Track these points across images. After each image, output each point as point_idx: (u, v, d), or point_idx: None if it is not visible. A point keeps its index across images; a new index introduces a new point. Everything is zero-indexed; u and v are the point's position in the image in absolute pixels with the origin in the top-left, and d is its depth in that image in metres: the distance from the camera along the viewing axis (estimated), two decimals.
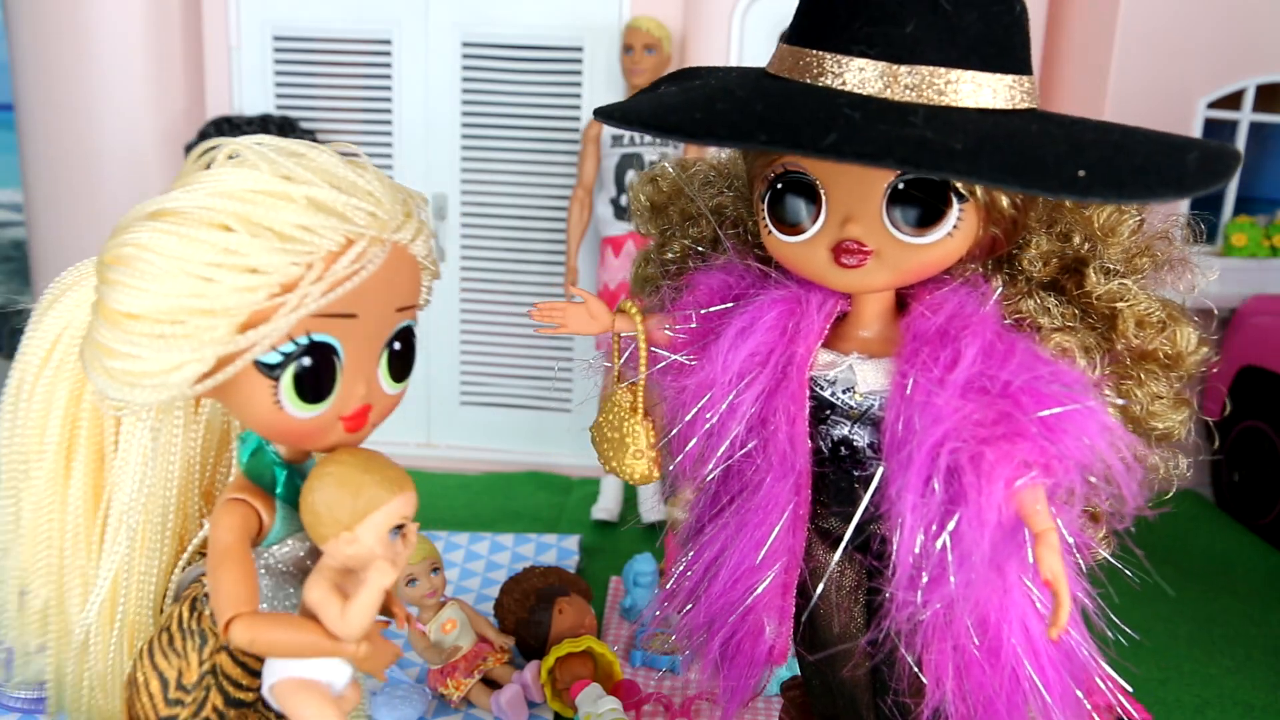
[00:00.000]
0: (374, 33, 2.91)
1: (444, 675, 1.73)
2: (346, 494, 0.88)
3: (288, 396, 0.86)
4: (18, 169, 3.18)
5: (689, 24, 2.81)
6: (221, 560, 0.89)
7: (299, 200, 0.83)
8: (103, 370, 0.84)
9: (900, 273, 0.94)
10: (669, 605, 1.14)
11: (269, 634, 0.88)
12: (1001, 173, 0.75)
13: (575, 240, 2.72)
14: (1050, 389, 0.87)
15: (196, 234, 0.81)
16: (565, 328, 1.09)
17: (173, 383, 0.82)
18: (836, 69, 0.84)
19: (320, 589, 0.89)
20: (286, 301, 0.82)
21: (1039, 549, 0.85)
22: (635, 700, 1.70)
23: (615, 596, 2.17)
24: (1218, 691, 1.92)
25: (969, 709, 0.97)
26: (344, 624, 0.88)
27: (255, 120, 2.78)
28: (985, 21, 0.84)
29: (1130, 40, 2.73)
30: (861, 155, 0.75)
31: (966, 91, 0.83)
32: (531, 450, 3.08)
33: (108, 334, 0.83)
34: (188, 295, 0.80)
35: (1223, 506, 2.93)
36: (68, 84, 2.89)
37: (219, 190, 0.83)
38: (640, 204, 1.21)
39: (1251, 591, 2.39)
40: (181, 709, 0.97)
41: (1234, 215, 3.02)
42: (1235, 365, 2.85)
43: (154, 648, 1.00)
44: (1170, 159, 0.81)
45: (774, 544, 1.01)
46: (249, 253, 0.80)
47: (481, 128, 2.93)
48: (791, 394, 0.99)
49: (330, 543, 0.89)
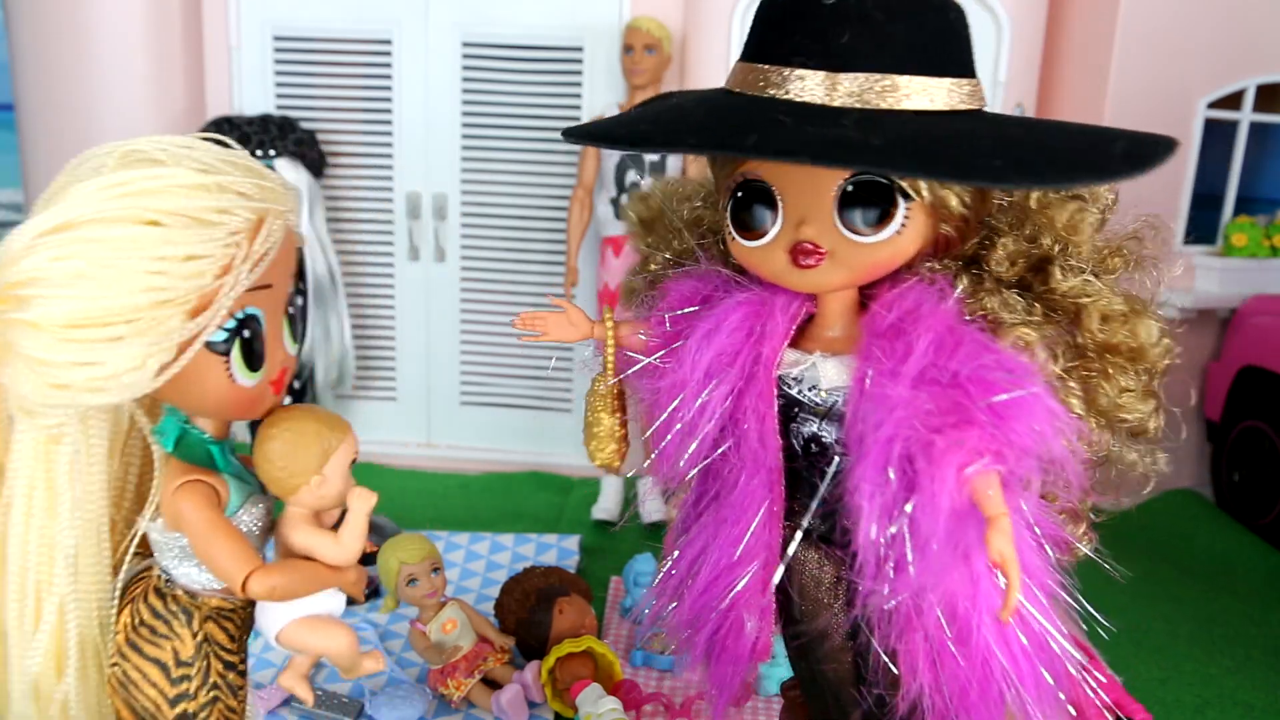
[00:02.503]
0: (374, 33, 2.91)
1: (444, 675, 1.74)
2: (309, 443, 1.00)
3: (239, 369, 0.94)
4: (18, 169, 3.18)
5: (689, 24, 2.81)
6: (209, 532, 0.96)
7: (211, 186, 0.88)
8: (52, 386, 0.85)
9: (854, 271, 0.98)
10: (657, 603, 1.17)
11: (283, 578, 0.98)
12: (910, 163, 0.82)
13: (575, 240, 2.72)
14: (996, 376, 0.89)
15: (129, 233, 0.84)
16: (547, 335, 1.16)
17: (139, 379, 0.86)
18: (780, 80, 0.90)
19: (303, 531, 1.03)
20: (226, 282, 0.88)
21: (989, 532, 0.87)
22: (635, 700, 1.71)
23: (615, 596, 2.17)
24: (1218, 691, 1.92)
25: (945, 700, 0.99)
26: (341, 550, 1.02)
27: (255, 120, 2.77)
28: (919, 28, 0.89)
29: (1130, 40, 2.73)
30: (779, 152, 0.83)
31: (904, 95, 0.88)
32: (531, 450, 3.08)
33: (51, 350, 0.84)
34: (140, 291, 0.83)
35: (1223, 506, 2.93)
36: (68, 84, 2.89)
37: (133, 190, 0.86)
38: (632, 221, 1.29)
39: (1251, 591, 2.39)
40: (189, 683, 1.02)
41: (1234, 215, 3.02)
42: (1235, 365, 2.86)
43: (134, 645, 1.03)
44: (1094, 149, 0.85)
45: (750, 541, 1.04)
46: (186, 242, 0.85)
47: (481, 128, 2.93)
48: (760, 393, 1.02)
49: (302, 490, 1.01)
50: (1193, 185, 2.90)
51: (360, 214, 3.03)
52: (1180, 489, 3.02)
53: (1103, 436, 1.01)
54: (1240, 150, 2.96)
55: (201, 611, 1.03)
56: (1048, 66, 2.90)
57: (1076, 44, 2.86)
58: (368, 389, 3.13)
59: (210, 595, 1.03)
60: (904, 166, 0.82)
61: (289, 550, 1.04)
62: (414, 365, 3.11)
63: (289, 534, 1.03)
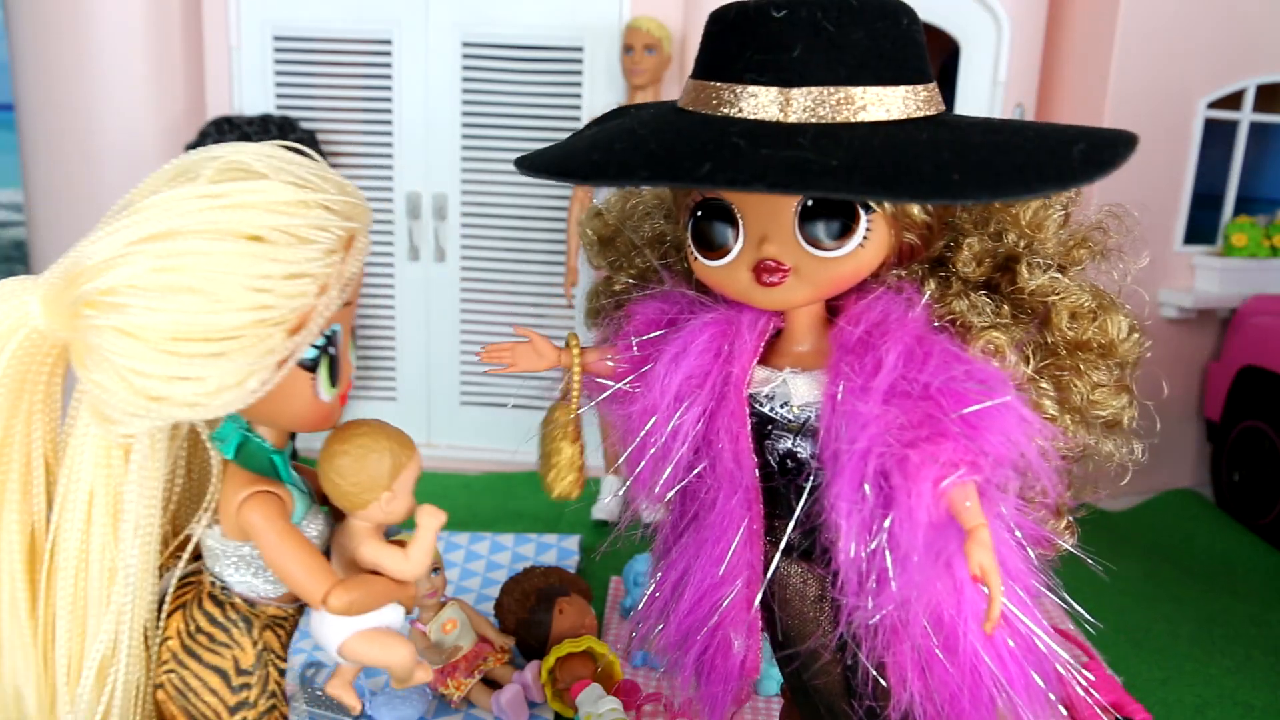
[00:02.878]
0: (374, 33, 2.91)
1: (444, 675, 1.73)
2: (380, 459, 1.00)
3: (324, 385, 0.94)
4: (18, 169, 3.18)
5: (689, 24, 2.81)
6: (284, 545, 0.96)
7: (314, 206, 0.88)
8: (149, 398, 0.83)
9: (819, 286, 0.97)
10: (643, 625, 1.16)
11: (359, 593, 0.98)
12: (872, 185, 0.78)
13: (575, 240, 2.72)
14: (967, 387, 0.89)
15: (234, 248, 0.82)
16: (514, 367, 1.13)
17: (239, 396, 0.85)
18: (733, 98, 0.88)
19: (371, 545, 1.03)
20: (323, 301, 0.88)
21: (969, 545, 0.86)
22: (635, 700, 1.71)
23: (615, 596, 2.17)
24: (1218, 691, 1.92)
25: (936, 708, 0.99)
26: (411, 565, 1.03)
27: (255, 120, 2.78)
28: (872, 38, 0.87)
29: (1130, 40, 2.73)
30: (733, 182, 0.79)
31: (859, 107, 0.86)
32: (531, 450, 3.07)
33: (150, 362, 0.82)
34: (246, 309, 0.82)
35: (1223, 506, 2.93)
36: (68, 84, 2.89)
37: (234, 203, 0.85)
38: (588, 238, 1.25)
39: (1251, 591, 2.39)
40: (249, 691, 1.03)
41: (1234, 215, 3.02)
42: (1235, 365, 2.86)
43: (192, 652, 1.02)
44: (1055, 154, 0.83)
45: (732, 559, 1.03)
46: (291, 260, 0.84)
47: (481, 128, 2.93)
48: (732, 412, 1.01)
49: (372, 506, 1.02)
50: (1193, 185, 2.90)
51: None
52: (1180, 489, 3.02)
53: (1078, 434, 1.01)
54: (1240, 150, 2.97)
55: (260, 620, 1.03)
56: (1048, 66, 2.90)
57: (1076, 44, 2.86)
58: (368, 389, 3.13)
59: (268, 604, 1.03)
60: (862, 190, 0.79)
61: (353, 564, 1.04)
62: (414, 365, 3.11)
63: (355, 548, 1.04)
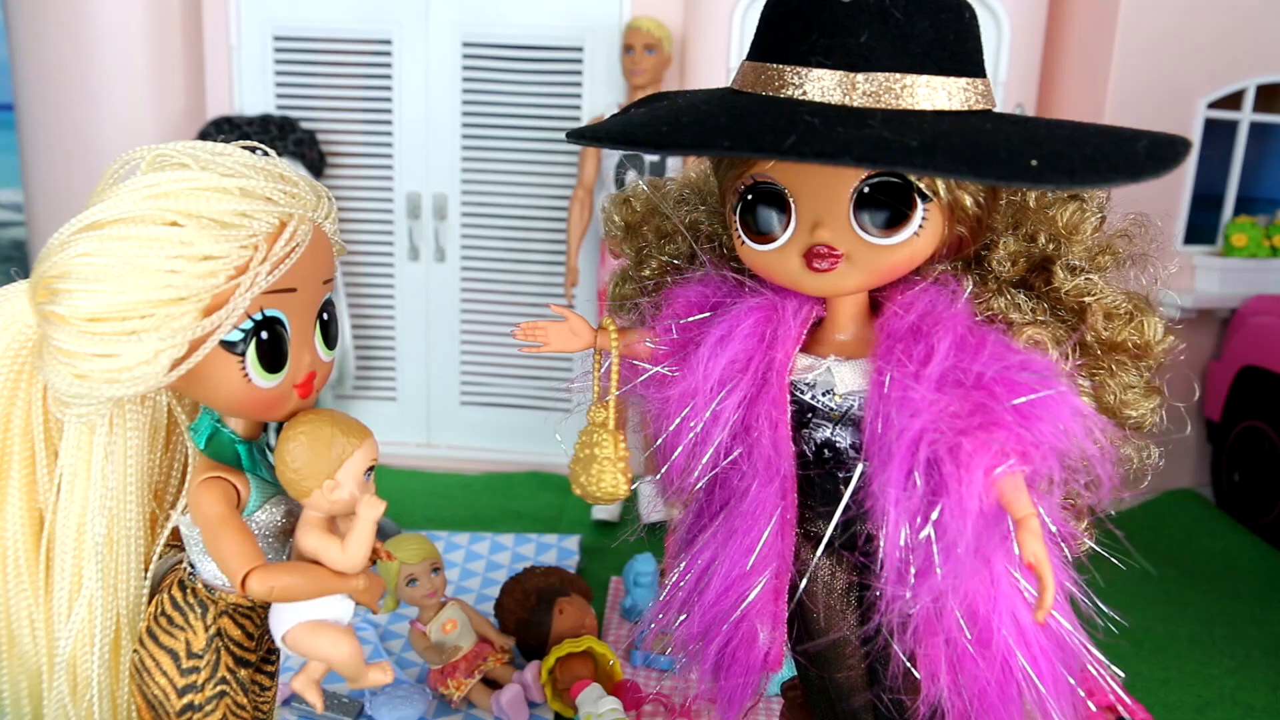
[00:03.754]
0: (374, 33, 2.91)
1: (444, 675, 1.73)
2: (323, 447, 1.00)
3: (254, 369, 0.95)
4: (18, 169, 3.18)
5: (689, 24, 2.81)
6: (219, 528, 0.97)
7: (233, 191, 0.92)
8: (74, 376, 0.90)
9: (871, 274, 0.97)
10: (664, 616, 1.15)
11: (283, 579, 0.98)
12: (957, 164, 0.78)
13: (575, 240, 2.72)
14: (1023, 377, 0.89)
15: (148, 233, 0.88)
16: (549, 346, 1.12)
17: (151, 372, 0.89)
18: (797, 80, 0.88)
19: (314, 535, 1.02)
20: (241, 283, 0.91)
21: (1021, 534, 0.87)
22: (635, 700, 1.70)
23: (615, 596, 2.17)
24: (1218, 691, 1.92)
25: (964, 703, 0.99)
26: (347, 557, 1.00)
27: (255, 120, 2.78)
28: (936, 28, 0.87)
29: (1130, 40, 2.73)
30: (820, 154, 0.78)
31: (922, 95, 0.86)
32: (531, 450, 3.08)
33: (71, 341, 0.89)
34: (155, 289, 0.87)
35: (1223, 506, 2.93)
36: (68, 84, 2.89)
37: (157, 192, 0.90)
38: (615, 224, 1.24)
39: (1251, 591, 2.39)
40: (197, 675, 1.04)
41: (1234, 215, 3.02)
42: (1235, 365, 2.86)
43: (153, 633, 1.06)
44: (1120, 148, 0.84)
45: (763, 549, 1.03)
46: (201, 243, 0.88)
47: (481, 128, 2.93)
48: (773, 399, 1.01)
49: (315, 494, 1.01)
50: (1193, 185, 2.90)
51: (360, 214, 3.03)
52: (1180, 489, 3.02)
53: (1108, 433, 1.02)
54: (1240, 150, 2.97)
55: (218, 606, 1.05)
56: (1048, 66, 2.90)
57: (1076, 44, 2.86)
58: (368, 389, 3.13)
59: (228, 591, 1.05)
60: (949, 169, 0.78)
61: (299, 553, 1.04)
62: (414, 365, 3.11)
63: (299, 536, 1.04)
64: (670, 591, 1.13)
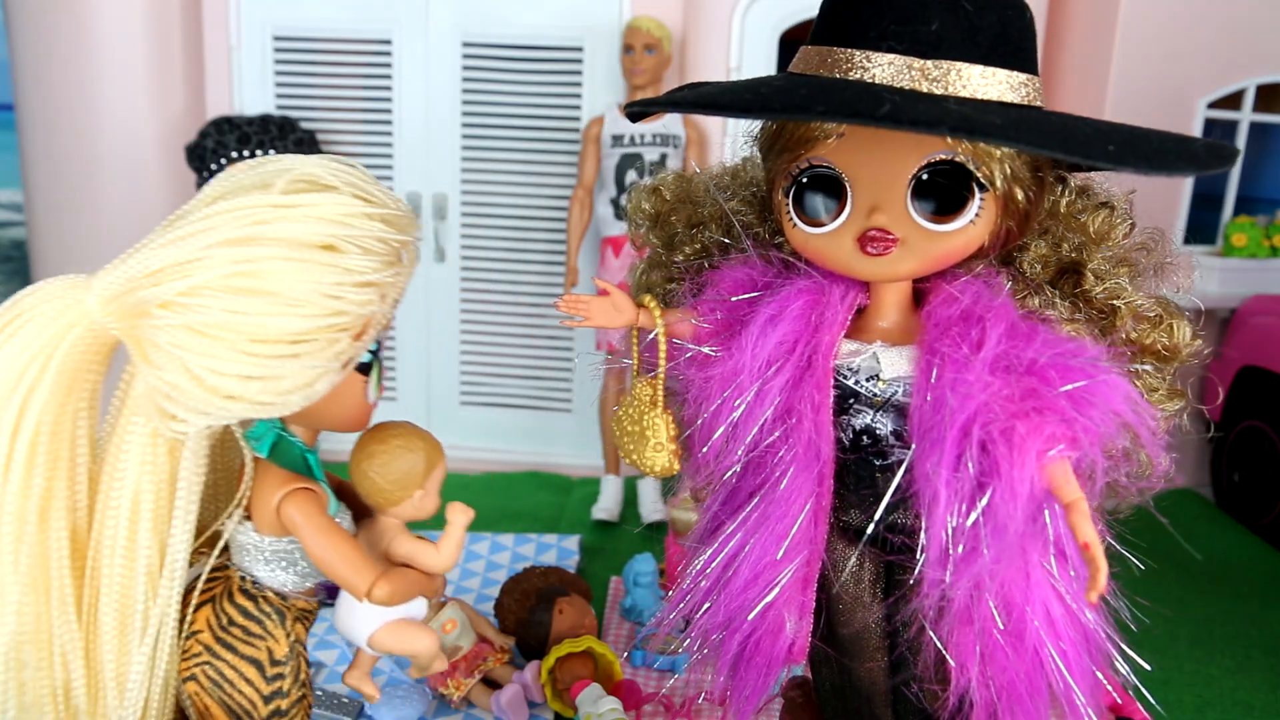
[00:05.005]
0: (374, 33, 2.91)
1: (444, 675, 1.73)
2: (415, 459, 1.07)
3: (373, 387, 1.02)
4: (18, 169, 3.18)
5: (689, 24, 2.81)
6: (329, 540, 1.00)
7: (377, 219, 0.93)
8: (223, 396, 0.88)
9: (924, 260, 0.97)
10: (685, 606, 1.12)
11: (399, 583, 1.03)
12: (1048, 140, 0.82)
13: (575, 240, 2.72)
14: (1075, 363, 0.91)
15: (310, 256, 0.88)
16: (590, 320, 1.08)
17: (307, 396, 0.90)
18: (866, 64, 0.89)
19: (406, 540, 1.09)
20: (381, 309, 0.94)
21: (1073, 517, 0.87)
22: (635, 700, 1.71)
23: (615, 596, 2.17)
24: (1218, 692, 1.92)
25: (992, 694, 0.99)
26: (442, 559, 1.08)
27: (255, 120, 2.77)
28: (1003, 23, 0.90)
29: (1130, 40, 2.73)
30: (917, 123, 0.79)
31: (986, 86, 0.89)
32: (531, 450, 3.08)
33: (226, 362, 0.86)
34: (324, 314, 0.88)
35: (1223, 506, 2.93)
36: (68, 84, 2.89)
37: (311, 214, 0.89)
38: (644, 213, 1.23)
39: (1251, 591, 2.39)
40: (282, 681, 1.06)
41: (1234, 215, 3.02)
42: (1235, 365, 2.85)
43: (227, 645, 1.05)
44: (1180, 144, 0.88)
45: (796, 536, 1.02)
46: (363, 270, 0.90)
47: (481, 128, 2.93)
48: (817, 382, 1.01)
49: (405, 504, 1.08)
50: (1193, 185, 2.90)
51: None
52: (1180, 489, 3.02)
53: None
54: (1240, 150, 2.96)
55: (292, 613, 1.07)
56: (1048, 66, 2.90)
57: (1076, 44, 2.86)
58: None
59: (298, 597, 1.07)
60: (1040, 144, 0.81)
61: (386, 559, 1.10)
62: (414, 365, 3.11)
63: (389, 543, 1.10)
64: (694, 579, 1.11)
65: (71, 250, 3.03)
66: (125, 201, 2.95)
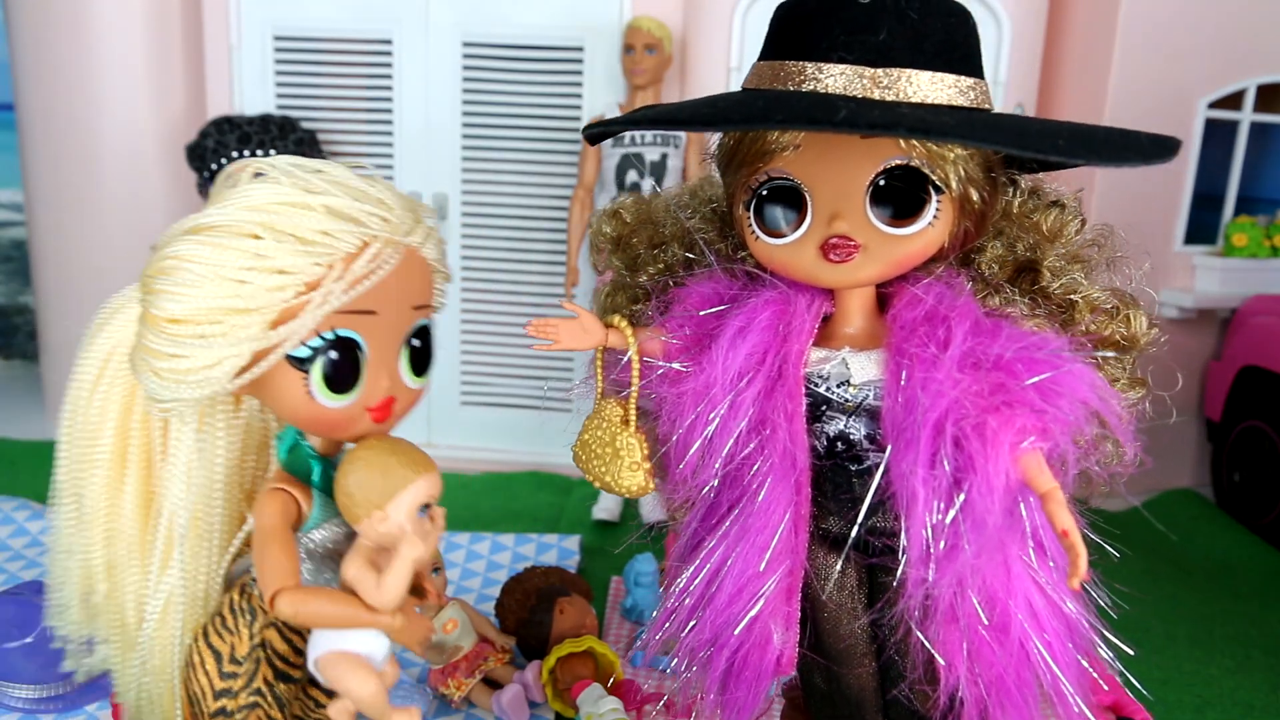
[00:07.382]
0: (374, 33, 2.91)
1: (445, 675, 1.73)
2: (376, 475, 0.97)
3: (318, 388, 0.95)
4: (18, 169, 3.18)
5: (689, 24, 2.81)
6: (266, 541, 0.98)
7: (317, 208, 0.92)
8: (151, 372, 0.94)
9: (886, 264, 0.99)
10: (671, 626, 1.12)
11: (311, 605, 0.97)
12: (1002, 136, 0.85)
13: (576, 241, 2.72)
14: (1040, 355, 0.93)
15: (229, 243, 0.90)
16: (559, 343, 1.09)
17: (214, 377, 0.92)
18: (818, 74, 0.91)
19: (356, 565, 0.99)
20: (312, 299, 0.91)
21: (1049, 506, 0.89)
22: (636, 700, 1.71)
23: (616, 596, 2.17)
24: (1218, 692, 1.92)
25: (981, 690, 1.00)
26: (379, 594, 0.97)
27: (255, 120, 2.77)
28: (948, 30, 0.93)
29: (1130, 40, 2.73)
30: (874, 126, 0.82)
31: (936, 90, 0.91)
32: (531, 450, 3.08)
33: (154, 339, 0.92)
34: (225, 297, 0.90)
35: (1223, 506, 2.93)
36: (68, 84, 2.90)
37: (246, 204, 0.92)
38: (605, 236, 1.23)
39: (1251, 591, 2.39)
40: (234, 681, 1.05)
41: (1234, 215, 3.02)
42: (1235, 365, 2.86)
43: (208, 630, 1.08)
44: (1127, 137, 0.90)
45: (777, 547, 1.03)
46: (276, 256, 0.90)
47: (481, 128, 2.93)
48: (789, 391, 1.02)
49: (364, 522, 0.98)
50: (1193, 185, 2.90)
51: None
52: (1180, 489, 3.02)
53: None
54: (1240, 150, 2.97)
55: (267, 617, 1.05)
56: (1048, 66, 2.90)
57: (1076, 44, 2.86)
58: None
59: None
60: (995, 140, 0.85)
61: (341, 581, 1.01)
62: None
63: (345, 563, 1.00)
64: (677, 598, 1.10)
65: (71, 250, 3.03)
66: (125, 201, 2.95)
